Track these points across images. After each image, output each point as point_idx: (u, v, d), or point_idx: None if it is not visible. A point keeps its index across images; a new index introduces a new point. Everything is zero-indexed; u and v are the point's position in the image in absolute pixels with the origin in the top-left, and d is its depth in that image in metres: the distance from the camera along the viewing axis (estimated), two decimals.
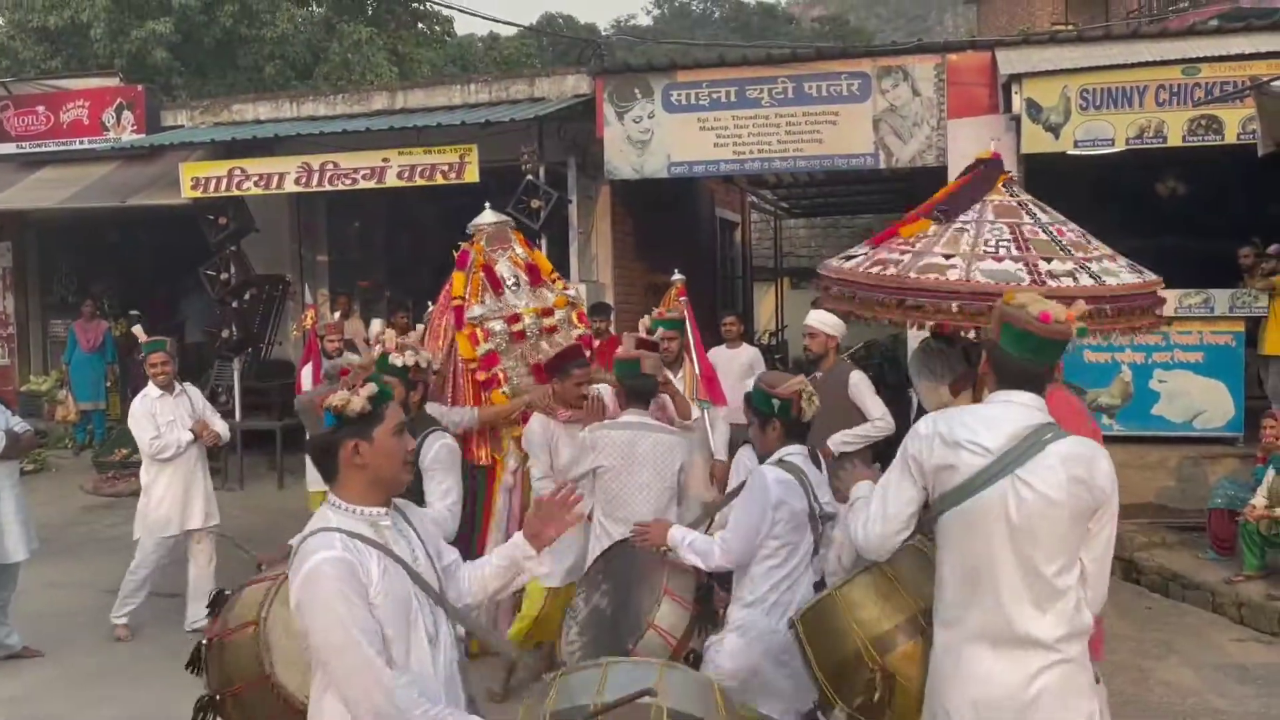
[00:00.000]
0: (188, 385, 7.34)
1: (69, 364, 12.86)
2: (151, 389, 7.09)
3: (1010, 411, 2.96)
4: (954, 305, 4.81)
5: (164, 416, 7.02)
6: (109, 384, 13.23)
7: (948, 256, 5.20)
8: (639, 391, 5.16)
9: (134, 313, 12.67)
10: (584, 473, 5.01)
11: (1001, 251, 5.17)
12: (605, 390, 5.80)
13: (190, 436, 7.04)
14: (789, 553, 3.97)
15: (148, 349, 7.23)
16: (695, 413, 6.44)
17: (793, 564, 3.99)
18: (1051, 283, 4.94)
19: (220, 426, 7.32)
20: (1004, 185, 5.67)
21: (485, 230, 6.42)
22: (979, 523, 2.89)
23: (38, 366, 14.49)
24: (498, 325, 6.07)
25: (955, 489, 2.92)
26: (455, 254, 6.44)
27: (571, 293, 6.63)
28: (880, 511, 3.09)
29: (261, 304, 12.33)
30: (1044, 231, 5.34)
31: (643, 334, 6.12)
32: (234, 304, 11.56)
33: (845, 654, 3.26)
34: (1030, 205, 5.62)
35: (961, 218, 5.50)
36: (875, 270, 5.37)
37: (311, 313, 8.53)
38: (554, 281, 6.53)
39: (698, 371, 6.95)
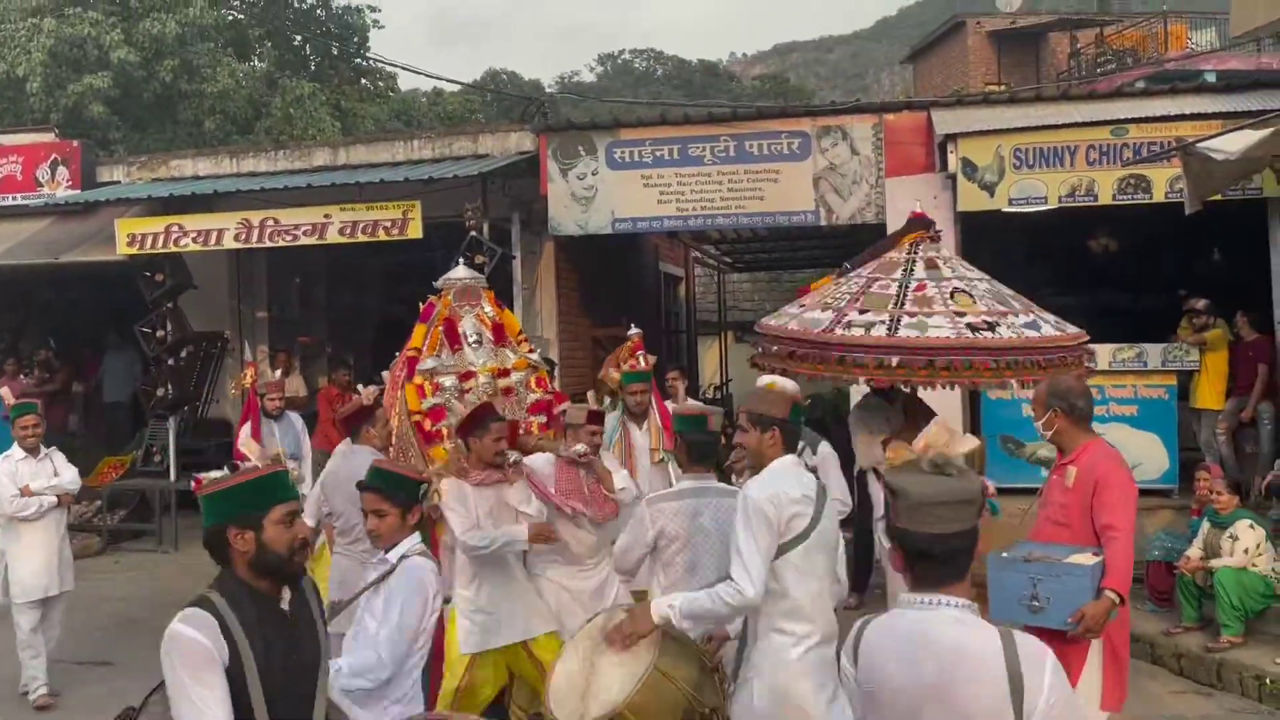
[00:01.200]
0: (53, 450, 7.28)
1: None
2: (16, 451, 7.02)
3: (800, 468, 3.98)
4: (894, 360, 5.02)
5: (23, 480, 6.94)
6: None
7: (863, 312, 5.42)
8: (703, 451, 4.68)
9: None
10: (643, 554, 4.59)
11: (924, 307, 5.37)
12: (541, 460, 5.57)
13: (53, 500, 7.00)
14: (428, 639, 3.88)
15: (15, 412, 7.19)
16: (627, 486, 5.82)
17: (427, 645, 3.91)
18: (973, 335, 5.13)
19: (68, 474, 7.18)
20: (914, 244, 5.85)
21: (456, 285, 6.36)
22: (815, 552, 3.83)
23: None
24: (449, 380, 5.96)
25: (801, 532, 3.79)
26: (421, 305, 6.36)
27: (535, 357, 6.52)
28: (759, 565, 3.69)
29: (199, 361, 12.12)
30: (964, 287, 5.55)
31: (590, 405, 6.01)
32: (170, 361, 11.35)
33: (679, 711, 3.86)
34: (949, 263, 5.81)
35: (891, 275, 5.68)
36: (811, 329, 5.50)
37: (251, 370, 8.36)
38: (520, 344, 6.45)
39: (660, 424, 6.88)
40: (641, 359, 7.27)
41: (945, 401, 9.07)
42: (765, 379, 6.21)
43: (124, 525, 11.41)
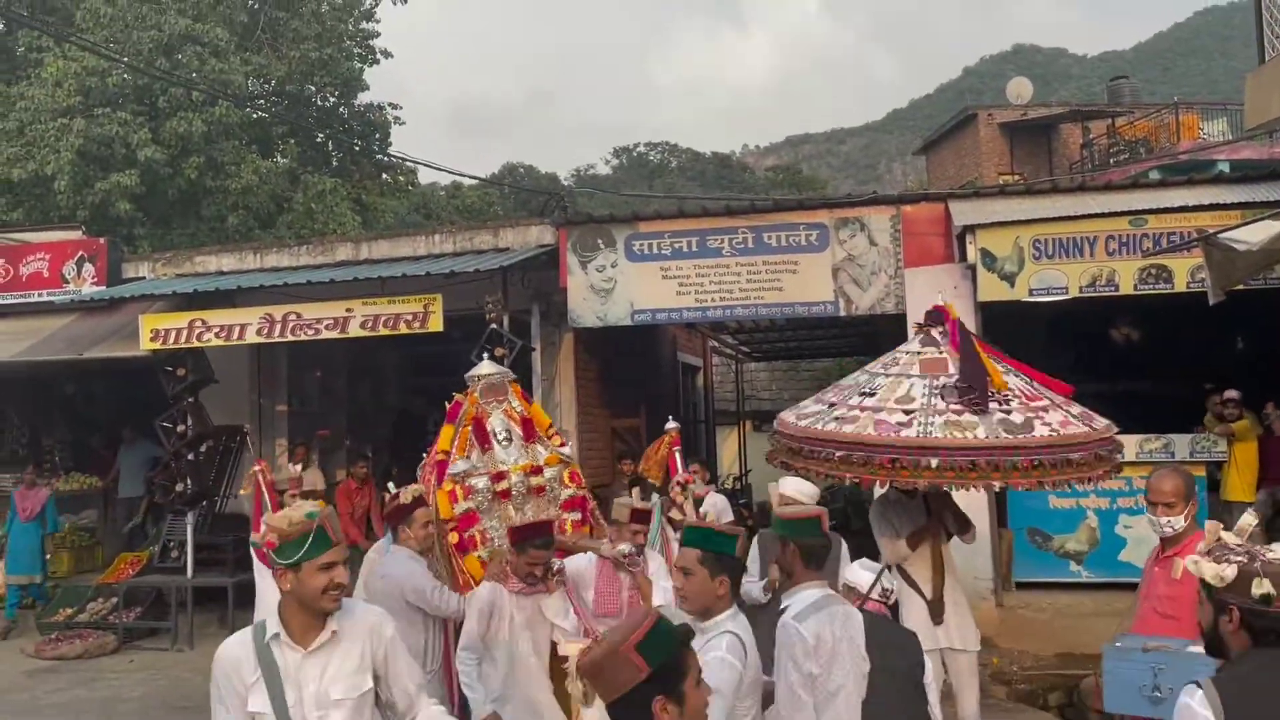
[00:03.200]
0: None
1: (7, 533, 12.19)
2: None
3: None
4: (933, 461, 4.91)
5: None
6: (48, 555, 12.38)
7: (908, 413, 5.31)
8: (819, 555, 4.15)
9: None
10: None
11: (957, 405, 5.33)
12: (583, 561, 5.32)
13: None
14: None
15: None
16: (665, 602, 5.14)
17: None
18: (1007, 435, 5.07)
19: None
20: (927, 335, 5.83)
21: (482, 382, 6.17)
22: None
23: None
24: (481, 482, 5.76)
25: None
26: (448, 404, 6.19)
27: (566, 451, 6.31)
28: None
29: (218, 456, 12.10)
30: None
31: (635, 502, 5.78)
32: (189, 456, 11.33)
33: None
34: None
35: (909, 370, 5.66)
36: (835, 427, 5.41)
37: (261, 466, 8.07)
38: (550, 438, 6.24)
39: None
40: (679, 457, 7.04)
41: (971, 493, 8.96)
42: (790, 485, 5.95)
43: (139, 623, 11.26)
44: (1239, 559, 2.87)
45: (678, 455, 7.03)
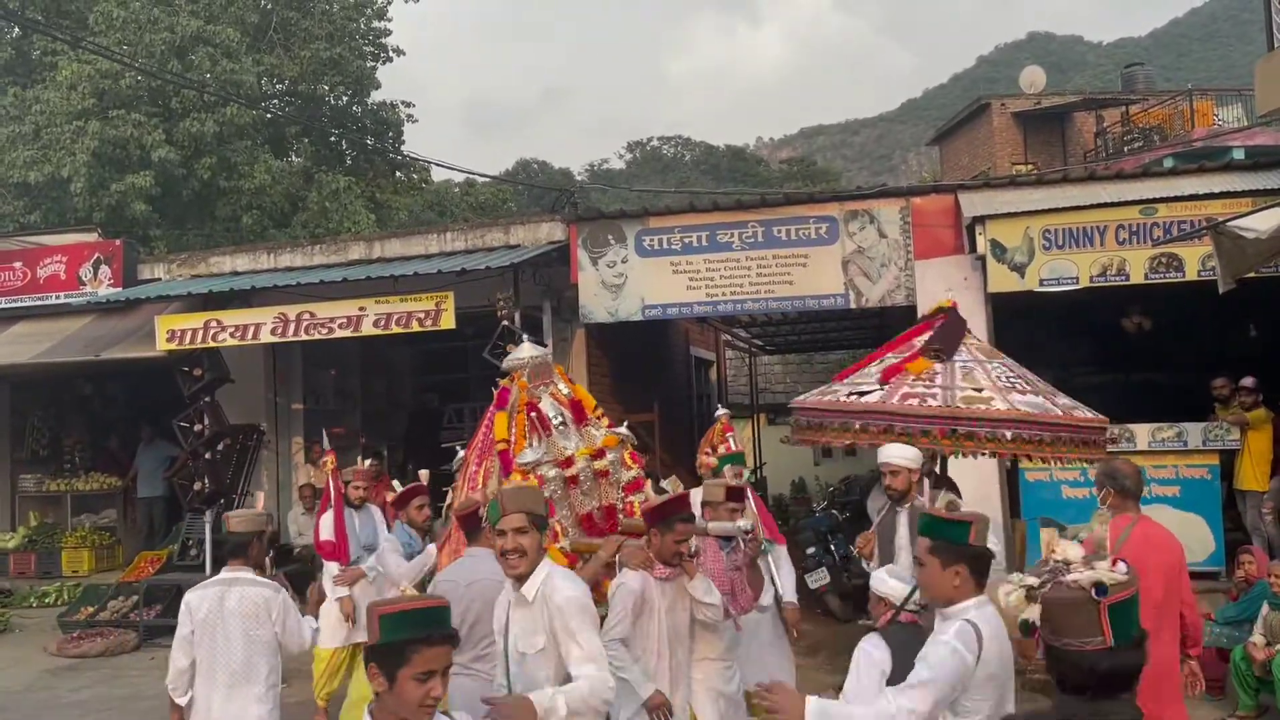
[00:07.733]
0: None
1: None
2: None
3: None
4: (1008, 434, 5.15)
5: None
6: None
7: (978, 390, 5.50)
8: (228, 545, 5.25)
9: None
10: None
11: (1021, 385, 5.57)
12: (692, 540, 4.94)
13: None
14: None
15: None
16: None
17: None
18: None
19: None
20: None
21: (527, 366, 5.88)
22: None
23: (5, 523, 14.18)
24: (551, 471, 5.47)
25: None
26: (495, 391, 5.94)
27: (622, 430, 5.96)
28: None
29: (235, 454, 12.19)
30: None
31: (728, 479, 5.68)
32: (207, 455, 11.42)
33: None
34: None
35: (958, 357, 5.76)
36: (901, 401, 5.51)
37: (331, 458, 7.91)
38: (599, 419, 5.96)
39: (756, 510, 6.37)
40: (733, 440, 7.06)
41: (983, 484, 8.96)
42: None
43: (160, 621, 11.35)
44: (1033, 580, 2.86)
45: (730, 439, 7.00)
